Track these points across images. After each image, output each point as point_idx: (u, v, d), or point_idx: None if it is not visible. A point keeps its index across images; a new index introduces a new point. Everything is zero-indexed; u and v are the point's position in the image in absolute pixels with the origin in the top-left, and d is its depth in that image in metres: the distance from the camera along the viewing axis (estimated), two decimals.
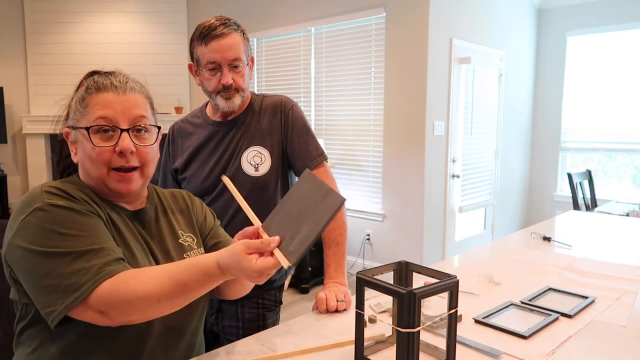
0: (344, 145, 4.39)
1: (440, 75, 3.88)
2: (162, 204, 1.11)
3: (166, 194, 1.15)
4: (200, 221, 1.17)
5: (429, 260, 3.94)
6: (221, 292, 1.14)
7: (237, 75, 1.39)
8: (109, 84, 0.95)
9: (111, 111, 0.93)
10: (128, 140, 0.94)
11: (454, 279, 0.90)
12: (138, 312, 0.83)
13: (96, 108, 0.94)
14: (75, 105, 0.97)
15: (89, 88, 0.96)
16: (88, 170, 0.96)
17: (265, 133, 1.47)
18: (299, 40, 4.62)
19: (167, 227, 1.08)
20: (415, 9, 3.77)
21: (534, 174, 5.32)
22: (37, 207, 0.86)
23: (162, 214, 1.09)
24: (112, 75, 0.98)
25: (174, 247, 1.06)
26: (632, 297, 1.32)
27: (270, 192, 1.47)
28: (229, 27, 1.37)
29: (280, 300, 1.57)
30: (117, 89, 0.95)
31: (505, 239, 2.00)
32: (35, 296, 0.85)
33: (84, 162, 0.96)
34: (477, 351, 1.01)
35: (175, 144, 1.56)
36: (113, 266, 0.85)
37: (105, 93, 0.94)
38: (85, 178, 0.98)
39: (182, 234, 1.10)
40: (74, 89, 1.01)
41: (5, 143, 5.24)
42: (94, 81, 0.96)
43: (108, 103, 0.94)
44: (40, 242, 0.84)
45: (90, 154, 0.93)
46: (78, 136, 0.96)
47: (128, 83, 0.98)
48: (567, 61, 4.98)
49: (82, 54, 5.29)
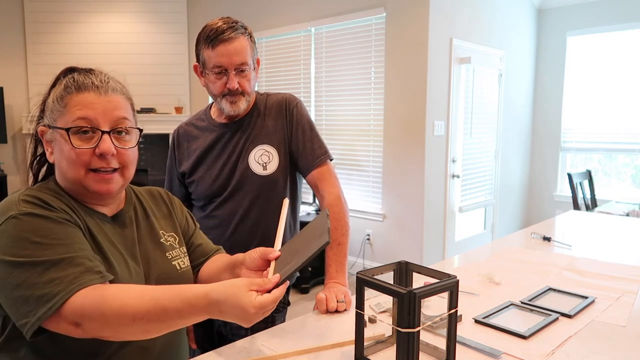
0: (344, 145, 4.39)
1: (440, 75, 3.88)
2: (140, 203, 1.08)
3: (144, 193, 1.12)
4: (183, 222, 1.17)
5: (429, 260, 3.94)
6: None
7: (243, 79, 1.38)
8: (90, 83, 0.92)
9: (92, 112, 0.90)
10: (109, 143, 0.91)
11: (454, 279, 0.90)
12: (111, 328, 0.79)
13: (76, 108, 0.90)
14: (53, 104, 0.92)
15: (68, 87, 0.92)
16: (65, 172, 0.92)
17: (271, 131, 1.46)
18: (299, 40, 4.62)
19: (146, 228, 1.06)
20: (415, 9, 3.77)
21: (534, 174, 5.32)
22: (10, 216, 0.83)
23: (142, 213, 1.07)
24: (92, 74, 0.94)
25: (154, 247, 1.04)
26: (632, 297, 1.32)
27: (280, 189, 1.47)
28: (236, 30, 1.35)
29: (288, 302, 1.57)
30: (98, 89, 0.91)
31: (505, 239, 2.00)
32: (9, 308, 0.82)
33: (60, 162, 0.92)
34: (477, 351, 1.01)
35: (180, 147, 1.54)
36: (89, 276, 0.82)
37: (85, 93, 0.91)
38: (61, 180, 0.95)
39: (163, 233, 1.08)
40: (49, 85, 0.97)
41: (5, 143, 5.24)
42: (74, 80, 0.92)
43: (89, 104, 0.90)
44: (12, 251, 0.81)
45: (69, 155, 0.90)
46: (55, 136, 0.92)
47: (109, 83, 0.94)
48: (567, 61, 4.98)
49: (82, 54, 5.29)
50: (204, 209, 1.50)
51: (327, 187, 1.44)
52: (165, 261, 1.04)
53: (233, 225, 1.45)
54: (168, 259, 1.05)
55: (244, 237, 1.44)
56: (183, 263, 1.08)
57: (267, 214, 1.46)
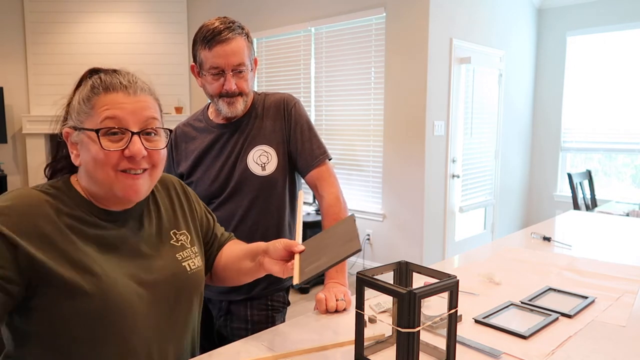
0: (344, 145, 4.39)
1: (440, 75, 3.88)
2: (155, 200, 1.05)
3: (159, 186, 1.08)
4: (203, 216, 1.16)
5: (429, 260, 3.94)
6: (221, 278, 1.16)
7: (240, 80, 1.38)
8: (118, 83, 0.89)
9: (121, 112, 0.88)
10: (139, 145, 0.89)
11: (454, 279, 0.90)
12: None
13: (104, 109, 0.88)
14: (79, 105, 0.90)
15: (95, 87, 0.89)
16: (92, 173, 0.90)
17: (269, 132, 1.46)
18: (299, 40, 4.62)
19: (158, 227, 1.02)
20: (415, 9, 3.77)
21: (534, 174, 5.32)
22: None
23: (155, 211, 1.04)
24: (119, 74, 0.92)
25: (163, 248, 1.01)
26: (632, 297, 1.32)
27: (279, 190, 1.46)
28: (234, 31, 1.34)
29: (288, 301, 1.56)
30: (127, 89, 0.89)
31: (505, 239, 2.00)
32: None
33: (87, 164, 0.90)
34: (477, 351, 1.01)
35: (178, 148, 1.53)
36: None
37: (114, 93, 0.88)
38: (86, 182, 0.92)
39: (174, 233, 1.05)
40: (74, 87, 0.94)
41: (5, 143, 5.24)
42: (101, 80, 0.90)
43: (118, 104, 0.88)
44: None
45: (97, 156, 0.87)
46: (82, 138, 0.89)
47: (137, 83, 0.92)
48: (567, 61, 4.98)
49: (82, 54, 5.29)
50: None
51: (326, 187, 1.44)
52: (174, 262, 1.01)
53: (232, 226, 1.44)
54: (178, 260, 1.02)
55: (244, 237, 1.43)
56: (194, 264, 1.04)
57: (266, 214, 1.45)
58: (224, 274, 1.17)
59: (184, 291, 1.01)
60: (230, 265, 1.15)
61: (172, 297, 0.98)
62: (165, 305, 0.97)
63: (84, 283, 0.85)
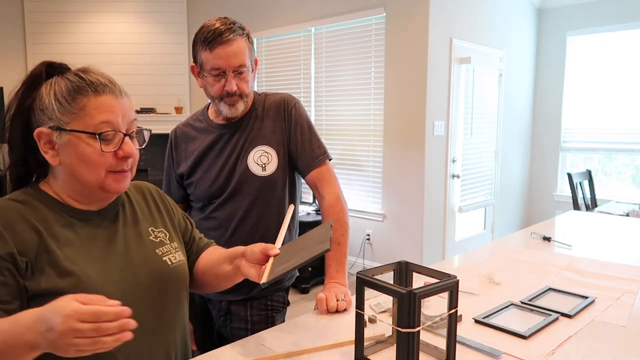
0: (344, 145, 4.39)
1: (440, 75, 3.88)
2: (129, 199, 1.07)
3: (132, 188, 1.11)
4: (181, 220, 1.17)
5: (429, 260, 3.94)
6: (199, 283, 1.16)
7: (241, 81, 1.38)
8: (104, 84, 0.91)
9: (114, 116, 0.90)
10: (131, 145, 0.93)
11: (454, 279, 0.90)
12: None
13: (97, 112, 0.89)
14: (59, 105, 0.89)
15: (82, 88, 0.89)
16: (79, 174, 0.91)
17: (269, 132, 1.46)
18: (299, 40, 4.62)
19: (134, 224, 1.03)
20: (415, 9, 3.77)
21: (534, 174, 5.32)
22: None
23: (130, 210, 1.05)
24: (95, 73, 0.92)
25: (142, 244, 1.01)
26: (632, 297, 1.32)
27: (279, 190, 1.46)
28: (234, 32, 1.33)
29: (288, 301, 1.56)
30: (114, 92, 0.92)
31: (505, 239, 2.00)
32: None
33: (74, 165, 0.90)
34: (477, 351, 1.01)
35: (178, 148, 1.53)
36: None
37: (104, 96, 0.90)
38: (64, 183, 0.93)
39: (152, 230, 1.06)
40: (24, 84, 0.94)
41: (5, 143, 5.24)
42: (90, 81, 0.90)
43: (110, 107, 0.90)
44: None
45: (90, 157, 0.89)
46: (68, 139, 0.89)
47: (117, 85, 0.94)
48: (567, 61, 4.98)
49: (82, 54, 5.29)
50: (203, 211, 1.49)
51: (326, 187, 1.44)
52: (155, 257, 1.02)
53: (232, 226, 1.44)
54: (158, 255, 1.03)
55: (244, 238, 1.43)
56: (175, 258, 1.05)
57: (266, 214, 1.45)
58: (203, 278, 1.16)
59: (169, 286, 1.01)
60: (209, 270, 1.15)
61: (155, 292, 0.98)
62: (149, 301, 0.96)
63: (62, 285, 0.85)
